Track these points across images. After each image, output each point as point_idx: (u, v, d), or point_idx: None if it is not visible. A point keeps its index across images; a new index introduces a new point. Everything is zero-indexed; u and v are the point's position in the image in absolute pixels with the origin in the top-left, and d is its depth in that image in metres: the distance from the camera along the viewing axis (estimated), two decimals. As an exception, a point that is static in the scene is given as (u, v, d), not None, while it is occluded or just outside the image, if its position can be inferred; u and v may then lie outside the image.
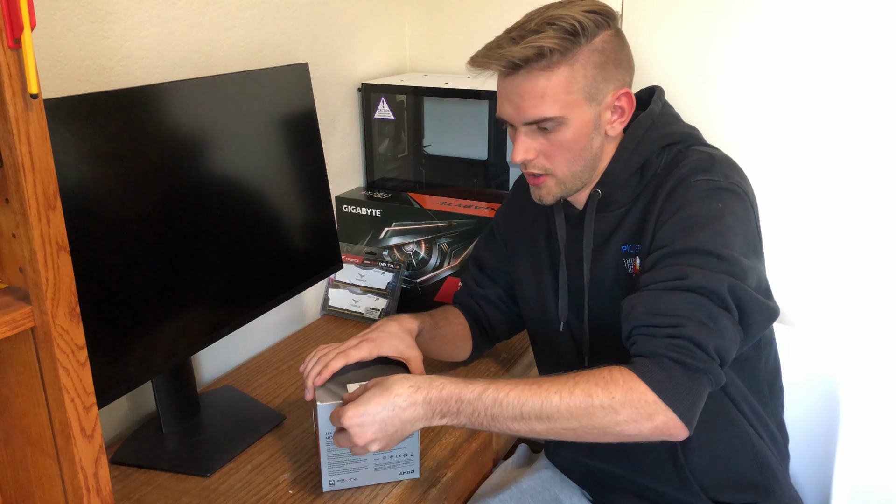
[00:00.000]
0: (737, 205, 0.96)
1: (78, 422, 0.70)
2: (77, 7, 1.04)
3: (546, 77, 0.96)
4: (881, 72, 1.36)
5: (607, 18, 0.99)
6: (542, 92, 0.96)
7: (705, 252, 0.91)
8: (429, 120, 1.71)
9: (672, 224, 0.96)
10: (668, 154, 1.04)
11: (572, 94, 0.97)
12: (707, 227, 0.93)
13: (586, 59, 0.96)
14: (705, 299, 0.89)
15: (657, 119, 1.06)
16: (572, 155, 1.01)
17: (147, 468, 1.09)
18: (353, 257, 1.58)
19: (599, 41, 0.97)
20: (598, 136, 1.02)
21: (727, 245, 0.92)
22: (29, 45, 0.59)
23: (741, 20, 1.44)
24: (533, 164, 1.03)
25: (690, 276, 0.90)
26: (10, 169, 0.63)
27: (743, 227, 0.96)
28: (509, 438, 1.39)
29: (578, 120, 0.99)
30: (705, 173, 0.98)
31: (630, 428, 0.86)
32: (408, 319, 1.13)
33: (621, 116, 1.03)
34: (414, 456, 1.05)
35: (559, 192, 1.05)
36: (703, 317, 0.88)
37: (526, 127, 1.00)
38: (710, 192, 0.96)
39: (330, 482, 1.04)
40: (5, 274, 0.69)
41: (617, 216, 1.06)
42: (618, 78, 1.00)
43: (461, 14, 1.71)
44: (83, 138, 0.93)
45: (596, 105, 1.00)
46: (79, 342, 0.69)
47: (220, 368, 1.38)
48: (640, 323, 0.91)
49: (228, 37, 1.30)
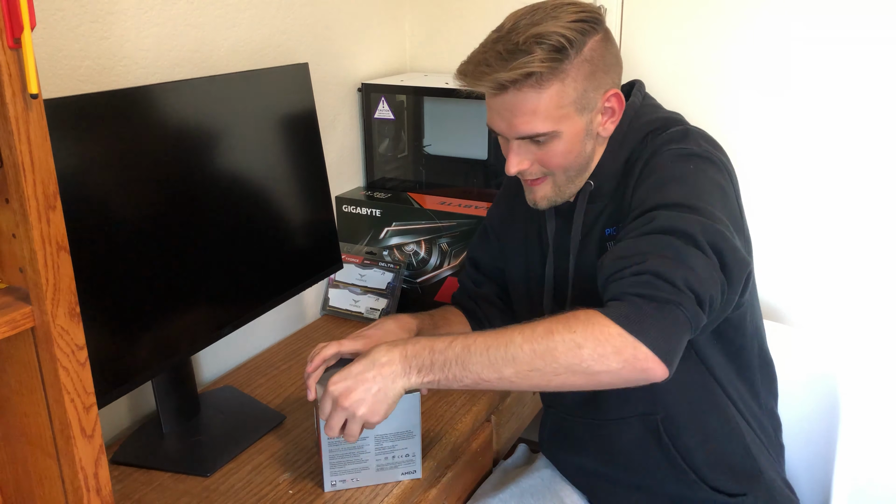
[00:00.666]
0: (710, 168, 0.96)
1: (78, 422, 0.70)
2: (77, 7, 1.04)
3: (536, 95, 0.95)
4: (884, 71, 1.36)
5: (594, 24, 0.97)
6: (534, 109, 0.96)
7: (674, 204, 0.90)
8: (429, 120, 1.71)
9: (644, 187, 0.96)
10: (651, 141, 1.03)
11: (563, 108, 0.97)
12: (677, 183, 0.93)
13: (576, 71, 0.96)
14: (672, 237, 0.86)
15: (639, 109, 1.06)
16: (567, 162, 1.02)
17: (147, 468, 1.09)
18: (353, 257, 1.58)
19: (588, 50, 0.96)
20: (591, 140, 1.03)
21: (699, 198, 0.90)
22: (29, 45, 0.59)
23: (741, 20, 1.44)
24: (529, 171, 1.03)
25: (657, 218, 0.89)
26: (10, 169, 0.63)
27: (718, 192, 0.94)
28: (509, 438, 1.39)
29: (571, 130, 0.99)
30: (678, 143, 0.98)
31: (597, 364, 0.81)
32: (407, 319, 1.14)
33: (612, 116, 1.03)
34: (416, 456, 1.05)
35: (554, 196, 1.06)
36: (669, 253, 0.85)
37: (518, 141, 1.01)
38: (681, 156, 0.96)
39: (332, 483, 1.04)
40: (5, 274, 0.69)
41: (602, 205, 1.07)
42: (607, 81, 1.00)
43: (461, 14, 1.71)
44: (83, 138, 0.93)
45: (587, 113, 1.00)
46: (79, 342, 0.69)
47: (220, 368, 1.38)
48: (609, 271, 0.89)
49: (228, 37, 1.30)
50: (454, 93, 1.55)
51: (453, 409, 1.22)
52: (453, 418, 1.20)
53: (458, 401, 1.25)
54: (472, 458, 1.21)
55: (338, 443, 1.01)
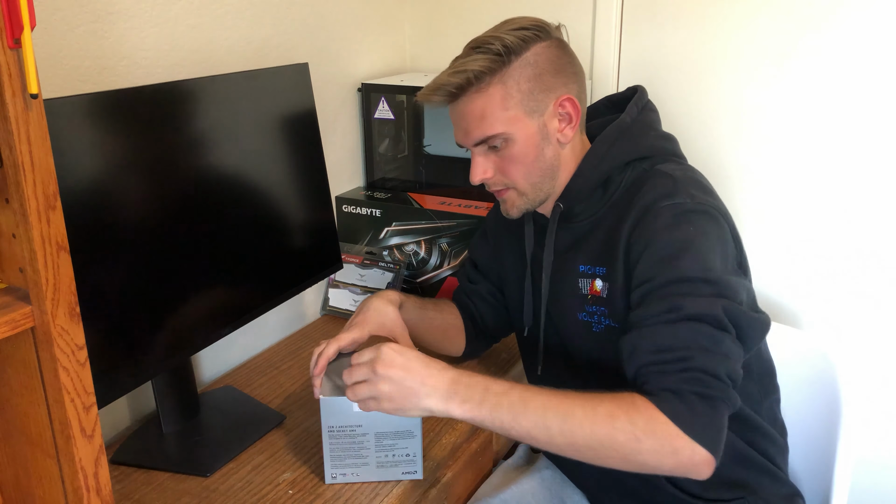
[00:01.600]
0: (708, 224, 0.96)
1: (78, 422, 0.70)
2: (77, 7, 1.04)
3: (481, 98, 1.00)
4: (886, 71, 1.36)
5: (538, 32, 1.01)
6: (482, 112, 1.00)
7: (690, 279, 0.91)
8: (429, 120, 1.71)
9: (648, 257, 0.95)
10: (633, 171, 1.04)
11: (510, 109, 1.00)
12: (685, 254, 0.93)
13: (518, 73, 0.99)
14: (705, 325, 0.89)
15: (626, 130, 1.05)
16: (526, 167, 1.03)
17: (147, 468, 1.09)
18: (353, 257, 1.58)
19: (531, 55, 0.99)
20: (550, 146, 1.03)
21: (710, 268, 0.92)
22: (29, 45, 0.59)
23: (742, 20, 1.44)
24: (492, 181, 1.06)
25: (684, 305, 0.90)
26: (10, 169, 0.63)
27: (720, 246, 0.95)
28: (509, 438, 1.39)
29: (522, 133, 1.01)
30: (669, 198, 0.97)
31: (653, 460, 0.85)
32: (389, 292, 1.17)
33: (570, 123, 1.03)
34: (416, 457, 1.05)
35: (523, 205, 1.07)
36: (707, 344, 0.88)
37: (477, 148, 1.03)
38: (678, 217, 0.95)
39: (332, 475, 1.04)
40: (5, 274, 0.69)
41: (578, 231, 1.07)
42: (558, 86, 1.01)
43: (461, 14, 1.71)
44: (83, 138, 0.93)
45: (538, 116, 1.01)
46: (79, 342, 0.69)
47: (220, 368, 1.38)
48: (647, 361, 0.90)
49: (228, 37, 1.30)
50: (454, 93, 1.54)
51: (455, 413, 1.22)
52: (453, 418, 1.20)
53: (458, 401, 1.25)
54: (472, 458, 1.21)
55: (339, 436, 1.01)
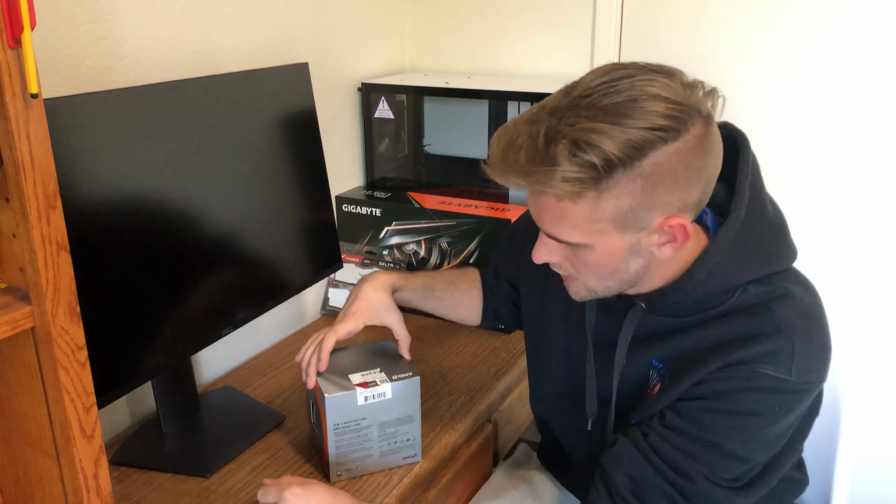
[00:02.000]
0: (799, 403, 0.85)
1: (78, 422, 0.70)
2: (77, 7, 1.04)
3: (565, 203, 0.78)
4: (887, 73, 1.36)
5: (676, 127, 0.74)
6: (561, 214, 0.79)
7: (727, 454, 0.84)
8: (429, 120, 1.71)
9: (713, 407, 0.84)
10: (742, 294, 0.85)
11: (598, 223, 0.78)
12: (747, 430, 0.84)
13: (623, 187, 0.75)
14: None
15: (738, 236, 0.85)
16: (603, 273, 0.85)
17: (147, 468, 1.09)
18: (353, 257, 1.57)
19: (649, 164, 0.74)
20: (639, 259, 0.83)
21: (755, 452, 0.86)
22: (29, 44, 0.59)
23: (742, 20, 1.44)
24: (558, 266, 0.88)
25: (696, 481, 0.84)
26: (10, 169, 0.62)
27: (794, 419, 0.87)
28: (509, 438, 1.39)
29: (606, 247, 0.81)
30: (776, 367, 0.82)
31: None
32: (381, 276, 1.11)
33: (673, 243, 0.82)
34: (416, 440, 1.07)
35: (590, 297, 0.90)
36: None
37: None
38: (771, 393, 0.83)
39: (337, 473, 1.04)
40: (5, 274, 0.69)
41: (658, 324, 0.90)
42: (673, 202, 0.78)
43: (461, 14, 1.71)
44: (83, 138, 0.93)
45: (633, 233, 0.80)
46: (79, 342, 0.69)
47: (220, 368, 1.38)
48: (618, 484, 0.88)
49: (228, 37, 1.30)
50: (454, 92, 1.54)
51: (453, 409, 1.22)
52: (453, 418, 1.20)
53: (458, 401, 1.25)
54: (472, 458, 1.21)
55: (344, 432, 1.02)
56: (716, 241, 0.85)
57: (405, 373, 1.04)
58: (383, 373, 1.04)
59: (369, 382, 1.02)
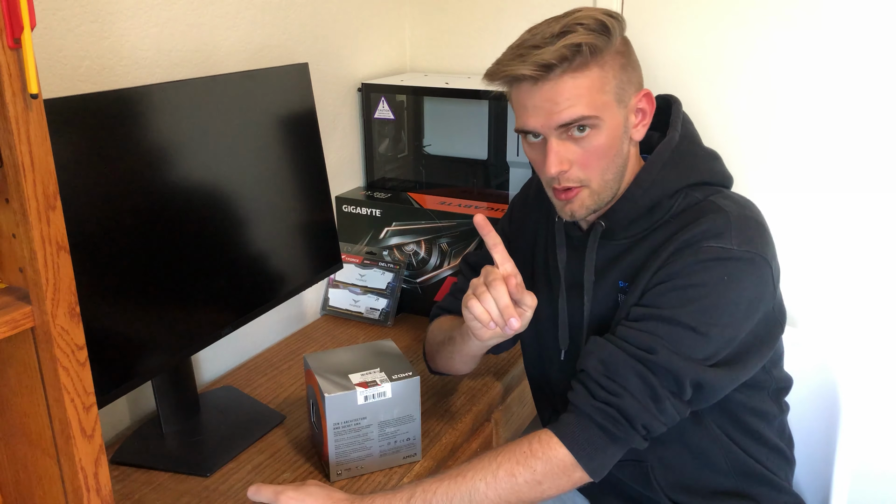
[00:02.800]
0: (746, 273, 0.93)
1: (78, 422, 0.70)
2: (77, 7, 1.04)
3: (580, 77, 0.93)
4: (883, 72, 1.36)
5: (621, 21, 0.97)
6: (578, 92, 0.93)
7: (686, 327, 0.92)
8: (429, 120, 1.71)
9: (668, 287, 0.94)
10: (684, 199, 1.00)
11: (606, 93, 0.94)
12: (700, 301, 0.92)
13: (612, 60, 0.95)
14: (659, 379, 0.91)
15: (675, 151, 1.02)
16: (607, 161, 0.97)
17: (147, 468, 1.09)
18: (353, 257, 1.58)
19: (620, 43, 0.96)
20: (626, 141, 0.99)
21: (714, 321, 0.92)
22: (29, 45, 0.59)
23: (742, 20, 1.44)
24: (567, 176, 0.97)
25: (658, 352, 0.91)
26: (10, 169, 0.63)
27: (743, 305, 0.93)
28: (509, 438, 1.39)
29: (612, 122, 0.96)
30: (718, 238, 0.93)
31: (553, 491, 0.93)
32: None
33: (643, 119, 1.00)
34: (416, 440, 1.07)
35: (592, 205, 1.00)
36: (646, 396, 0.91)
37: (557, 135, 0.95)
38: (717, 261, 0.93)
39: (337, 473, 1.04)
40: (5, 274, 0.69)
41: (618, 248, 1.03)
42: (636, 79, 0.99)
43: (461, 14, 1.71)
44: (83, 138, 0.93)
45: (623, 107, 0.97)
46: (79, 342, 0.69)
47: (220, 368, 1.38)
48: (589, 369, 0.94)
49: (228, 37, 1.30)
50: (454, 93, 1.55)
51: (453, 409, 1.22)
52: (453, 418, 1.20)
53: (458, 401, 1.25)
54: (472, 457, 1.20)
55: (344, 431, 1.02)
56: (656, 154, 1.01)
57: (405, 372, 1.04)
58: (383, 372, 1.04)
59: (369, 382, 1.02)
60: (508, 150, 1.57)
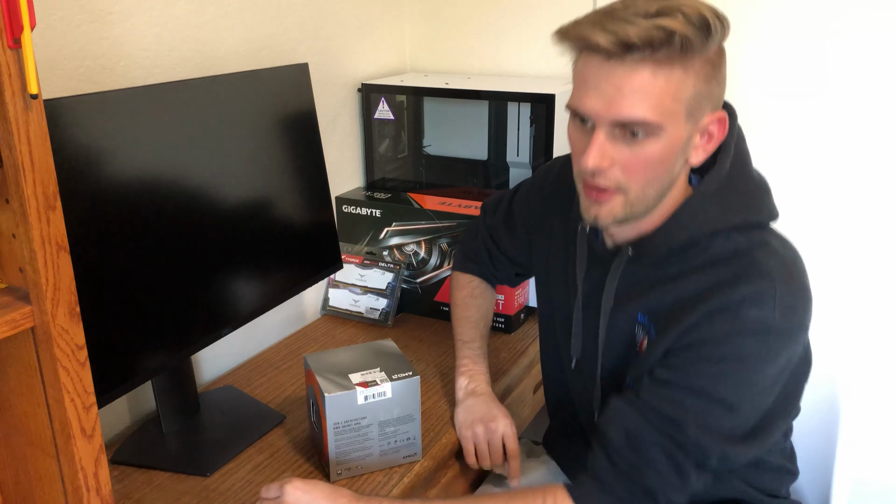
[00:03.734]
0: (784, 347, 0.86)
1: (78, 421, 0.70)
2: (77, 7, 1.04)
3: (661, 73, 0.80)
4: (884, 72, 1.36)
5: (726, 27, 0.83)
6: (650, 89, 0.81)
7: (717, 402, 0.86)
8: (429, 120, 1.71)
9: (700, 356, 0.86)
10: (724, 242, 0.89)
11: (678, 101, 0.82)
12: (733, 374, 0.86)
13: (700, 66, 0.82)
14: (686, 454, 0.87)
15: (724, 180, 0.90)
16: (654, 174, 0.86)
17: (147, 468, 1.09)
18: (353, 257, 1.58)
19: (715, 51, 0.83)
20: (682, 161, 0.88)
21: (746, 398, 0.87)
22: (29, 45, 0.59)
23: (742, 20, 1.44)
24: (605, 174, 0.86)
25: (687, 428, 0.86)
26: (10, 169, 0.63)
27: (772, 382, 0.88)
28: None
29: (674, 135, 0.84)
30: (759, 307, 0.84)
31: None
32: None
33: (708, 143, 0.89)
34: (416, 439, 1.08)
35: (622, 215, 0.89)
36: (671, 471, 0.87)
37: (610, 129, 0.84)
38: (755, 336, 0.85)
39: (337, 472, 1.04)
40: (5, 274, 0.69)
41: (643, 277, 0.94)
42: (716, 97, 0.87)
43: (461, 14, 1.71)
44: (83, 138, 0.93)
45: (692, 123, 0.85)
46: (79, 342, 0.69)
47: (220, 368, 1.38)
48: (613, 441, 0.90)
49: (228, 37, 1.30)
50: (454, 93, 1.55)
51: (453, 409, 1.22)
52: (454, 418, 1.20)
53: (457, 401, 1.25)
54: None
55: (344, 431, 1.02)
56: (701, 186, 0.91)
57: (405, 372, 1.04)
58: (383, 372, 1.04)
59: (369, 382, 1.02)
60: (508, 150, 1.57)
